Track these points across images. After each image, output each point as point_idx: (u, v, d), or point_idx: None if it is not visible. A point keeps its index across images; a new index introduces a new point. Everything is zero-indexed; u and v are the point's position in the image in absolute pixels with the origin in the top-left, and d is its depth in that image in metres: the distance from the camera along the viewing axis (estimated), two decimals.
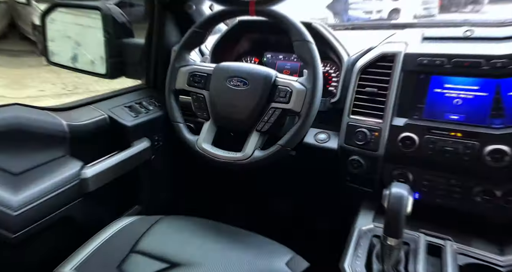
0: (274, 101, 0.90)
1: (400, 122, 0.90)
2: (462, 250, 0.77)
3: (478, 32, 0.96)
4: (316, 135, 1.09)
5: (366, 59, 0.98)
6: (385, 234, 0.72)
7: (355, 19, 4.88)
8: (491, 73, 0.81)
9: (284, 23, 0.90)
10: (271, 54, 1.31)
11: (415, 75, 0.90)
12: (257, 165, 0.90)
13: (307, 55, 0.87)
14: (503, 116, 0.81)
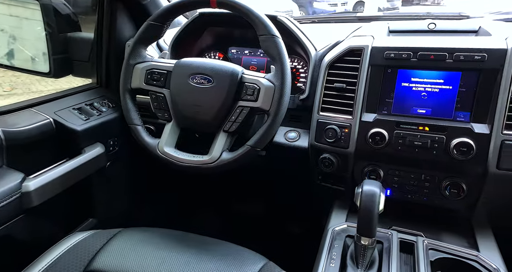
0: (241, 99, 0.85)
1: (369, 118, 0.89)
2: (433, 245, 0.78)
3: (441, 25, 0.97)
4: (286, 133, 1.05)
5: (333, 53, 0.96)
6: (359, 234, 0.71)
7: (320, 12, 4.93)
8: (455, 66, 0.81)
9: (248, 16, 0.85)
10: (236, 49, 1.26)
11: (383, 69, 0.88)
12: (225, 168, 0.85)
13: (274, 50, 0.83)
14: (467, 109, 0.81)
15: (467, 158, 0.79)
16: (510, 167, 0.76)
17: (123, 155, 1.21)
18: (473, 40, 0.86)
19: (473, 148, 0.78)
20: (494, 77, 0.77)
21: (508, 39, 0.79)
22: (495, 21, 1.04)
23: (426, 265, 0.71)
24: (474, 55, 0.78)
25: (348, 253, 0.75)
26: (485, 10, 1.20)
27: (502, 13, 1.17)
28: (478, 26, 0.94)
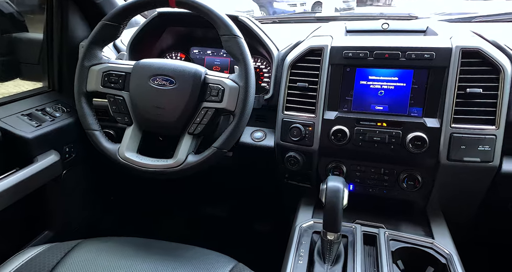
0: (205, 100, 0.84)
1: (331, 116, 0.91)
2: (394, 236, 0.81)
3: (393, 25, 1.02)
4: (253, 133, 1.06)
5: (295, 53, 0.97)
6: (325, 230, 0.72)
7: (280, 12, 5.00)
8: (407, 65, 0.86)
9: (209, 16, 0.84)
10: (198, 49, 1.24)
11: (342, 68, 0.91)
12: (191, 171, 0.84)
13: (237, 50, 0.82)
14: (420, 105, 0.86)
15: (421, 151, 0.83)
16: (458, 158, 0.82)
17: (81, 161, 1.15)
18: (422, 39, 0.91)
19: (426, 142, 0.83)
20: (442, 74, 0.83)
21: (452, 38, 0.85)
22: (440, 22, 1.11)
23: (388, 256, 0.74)
24: (424, 54, 0.83)
25: (315, 249, 0.77)
26: (431, 11, 1.29)
27: (445, 14, 1.26)
28: (426, 26, 1.00)
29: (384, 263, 0.72)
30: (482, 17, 1.18)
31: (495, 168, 0.82)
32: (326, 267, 0.72)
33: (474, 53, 0.81)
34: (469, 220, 0.98)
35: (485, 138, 0.80)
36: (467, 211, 0.96)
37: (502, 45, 0.85)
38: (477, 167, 0.82)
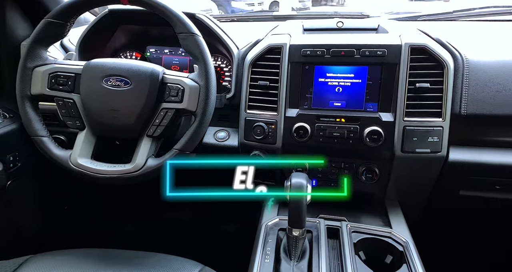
0: (165, 101, 0.81)
1: (292, 113, 0.93)
2: (355, 228, 0.84)
3: (347, 23, 1.05)
4: (216, 133, 1.04)
5: (255, 52, 0.97)
6: (290, 226, 0.73)
7: (239, 11, 5.00)
8: (362, 61, 0.89)
9: (164, 13, 0.81)
10: (155, 48, 1.20)
11: (301, 66, 0.92)
12: (152, 176, 0.81)
13: (196, 49, 0.80)
14: (375, 100, 0.90)
15: (377, 144, 0.87)
16: (411, 149, 0.87)
17: (28, 170, 1.06)
18: (374, 37, 0.95)
19: (382, 135, 0.87)
20: (394, 70, 0.87)
21: (401, 36, 0.90)
22: (390, 20, 1.18)
23: (350, 248, 0.77)
24: (377, 51, 0.87)
25: (281, 246, 0.78)
26: (381, 10, 1.37)
27: (394, 13, 1.34)
28: (377, 25, 1.05)
29: (347, 255, 0.74)
30: (425, 16, 1.27)
31: (443, 158, 0.88)
32: (292, 263, 0.73)
33: (421, 49, 0.86)
34: (422, 208, 1.04)
35: (434, 130, 0.86)
36: (420, 200, 1.02)
37: (445, 42, 0.92)
38: (428, 158, 0.88)
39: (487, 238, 1.22)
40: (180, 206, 1.53)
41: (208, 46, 0.83)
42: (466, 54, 0.89)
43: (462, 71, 0.87)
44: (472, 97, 0.87)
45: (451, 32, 1.00)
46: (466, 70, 0.87)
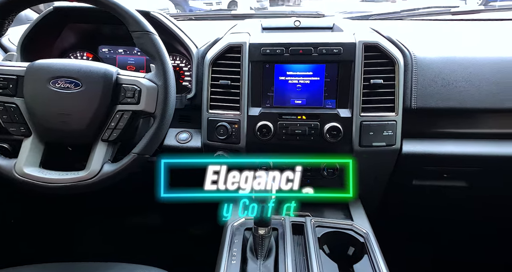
0: (120, 103, 0.78)
1: (255, 112, 0.93)
2: (319, 223, 0.86)
3: (304, 22, 1.08)
4: (177, 135, 1.02)
5: (214, 50, 0.96)
6: (256, 225, 0.73)
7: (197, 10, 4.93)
8: (319, 59, 0.92)
9: (116, 11, 0.77)
10: (107, 47, 1.14)
11: (262, 64, 0.93)
12: (109, 182, 0.77)
13: (151, 48, 0.78)
14: (333, 97, 0.93)
15: (337, 140, 0.90)
16: (368, 143, 0.91)
17: None
18: (330, 35, 0.98)
19: (340, 131, 0.90)
20: (349, 67, 0.90)
21: (355, 34, 0.94)
22: (344, 19, 1.22)
23: (315, 242, 0.78)
24: (333, 49, 0.90)
25: (248, 246, 0.77)
26: (335, 9, 1.42)
27: (347, 13, 1.41)
28: (333, 23, 1.09)
29: (312, 250, 0.75)
30: (376, 15, 1.34)
31: (397, 150, 0.94)
32: (259, 262, 0.73)
33: (374, 47, 0.90)
34: (380, 199, 1.09)
35: (388, 124, 0.90)
36: (378, 191, 1.07)
37: (395, 40, 0.97)
38: (384, 151, 0.92)
39: (442, 226, 1.31)
40: (142, 211, 1.47)
41: (165, 45, 0.81)
42: (414, 51, 0.95)
43: (411, 68, 0.93)
44: (421, 92, 0.93)
45: (400, 31, 1.06)
46: (415, 66, 0.93)
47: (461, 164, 0.99)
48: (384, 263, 0.73)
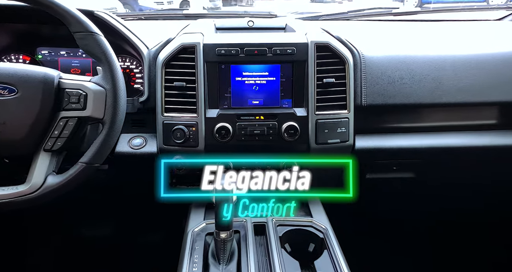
0: (64, 109, 0.73)
1: (213, 114, 0.92)
2: (280, 222, 0.86)
3: (258, 23, 1.08)
4: (131, 140, 0.97)
5: (167, 51, 0.93)
6: (217, 229, 0.72)
7: (147, 9, 4.75)
8: (274, 60, 0.92)
9: (54, 10, 0.72)
10: (47, 49, 1.06)
11: (217, 65, 0.92)
12: (54, 195, 0.72)
13: (96, 49, 0.74)
14: (289, 96, 0.94)
15: (294, 138, 0.92)
16: (324, 141, 0.93)
17: None
18: (284, 35, 1.00)
19: (298, 130, 0.91)
20: (303, 67, 0.92)
21: (307, 34, 0.96)
22: (296, 20, 1.25)
23: (276, 242, 0.79)
24: (287, 49, 0.91)
25: (209, 251, 0.76)
26: (287, 10, 1.46)
27: (299, 13, 1.45)
28: (285, 24, 1.11)
29: (273, 249, 0.75)
30: (326, 16, 1.40)
31: (351, 146, 0.98)
32: (222, 267, 0.72)
33: (325, 47, 0.93)
34: None
35: (341, 121, 0.94)
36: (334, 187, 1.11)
37: (344, 39, 1.01)
38: (338, 147, 0.96)
39: (395, 217, 1.39)
40: (96, 222, 1.38)
41: (113, 46, 0.77)
42: (362, 50, 0.99)
43: (360, 66, 0.98)
44: (370, 89, 0.98)
45: (347, 31, 1.11)
46: (363, 65, 0.98)
47: (408, 157, 1.06)
48: (343, 257, 0.75)
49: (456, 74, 1.00)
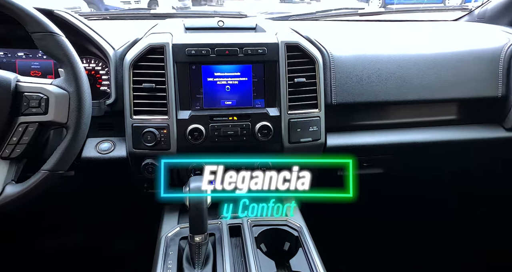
0: (22, 114, 0.69)
1: (185, 115, 0.90)
2: (255, 222, 0.86)
3: (228, 23, 1.07)
4: (98, 145, 0.94)
5: (134, 52, 0.90)
6: (192, 233, 0.71)
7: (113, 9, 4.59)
8: (246, 60, 0.92)
9: (7, 8, 0.67)
10: (2, 51, 0.99)
11: (188, 66, 0.90)
12: (14, 205, 0.68)
13: (57, 50, 0.70)
14: (262, 96, 0.94)
15: (268, 138, 0.92)
16: (297, 140, 0.94)
17: None
18: (254, 36, 1.00)
19: (271, 130, 0.92)
20: (275, 67, 0.93)
21: (277, 34, 0.96)
22: (266, 20, 1.25)
23: (252, 242, 0.78)
24: (258, 49, 0.91)
25: (184, 256, 0.74)
26: (257, 10, 1.46)
27: (268, 13, 1.45)
28: (255, 24, 1.11)
29: (249, 250, 0.75)
30: (295, 16, 1.41)
31: (322, 144, 0.99)
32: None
33: (295, 47, 0.94)
34: None
35: (313, 120, 0.95)
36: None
37: (313, 39, 1.03)
38: (311, 145, 0.97)
39: (367, 213, 1.43)
40: (63, 232, 1.31)
41: (76, 46, 0.74)
42: (331, 50, 1.02)
43: (329, 66, 1.00)
44: (339, 88, 1.00)
45: (316, 31, 1.13)
46: (332, 64, 1.00)
47: (377, 153, 1.09)
48: (317, 255, 0.76)
49: (420, 72, 1.04)
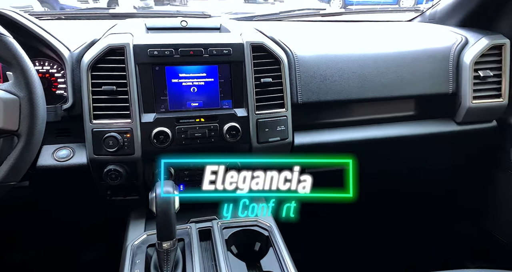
0: None
1: (149, 118, 0.87)
2: (225, 224, 0.85)
3: (191, 23, 1.05)
4: (55, 152, 0.89)
5: (92, 53, 0.86)
6: (160, 240, 0.68)
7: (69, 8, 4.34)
8: (211, 60, 0.91)
9: None
10: None
11: (150, 67, 0.87)
12: None
13: (5, 53, 0.66)
14: (229, 97, 0.94)
15: (236, 139, 0.91)
16: (265, 140, 0.95)
17: None
18: (219, 36, 0.99)
19: (239, 130, 0.91)
20: (241, 67, 0.92)
21: (242, 34, 0.96)
22: (230, 20, 1.25)
23: (222, 245, 0.77)
24: (223, 49, 0.90)
25: (152, 264, 0.72)
26: (221, 10, 1.45)
27: (233, 13, 1.45)
28: (220, 24, 1.10)
29: (220, 253, 0.74)
30: (259, 16, 1.42)
31: (290, 143, 1.01)
32: None
33: (260, 47, 0.94)
34: None
35: (280, 120, 0.96)
36: None
37: (277, 40, 1.04)
38: (279, 145, 0.98)
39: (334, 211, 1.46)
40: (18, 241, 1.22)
41: (27, 48, 0.69)
42: (295, 50, 1.03)
43: (294, 66, 1.01)
44: (304, 87, 1.02)
45: (280, 31, 1.14)
46: (297, 64, 1.02)
47: (342, 150, 1.13)
48: (287, 253, 0.76)
49: (379, 71, 1.09)
